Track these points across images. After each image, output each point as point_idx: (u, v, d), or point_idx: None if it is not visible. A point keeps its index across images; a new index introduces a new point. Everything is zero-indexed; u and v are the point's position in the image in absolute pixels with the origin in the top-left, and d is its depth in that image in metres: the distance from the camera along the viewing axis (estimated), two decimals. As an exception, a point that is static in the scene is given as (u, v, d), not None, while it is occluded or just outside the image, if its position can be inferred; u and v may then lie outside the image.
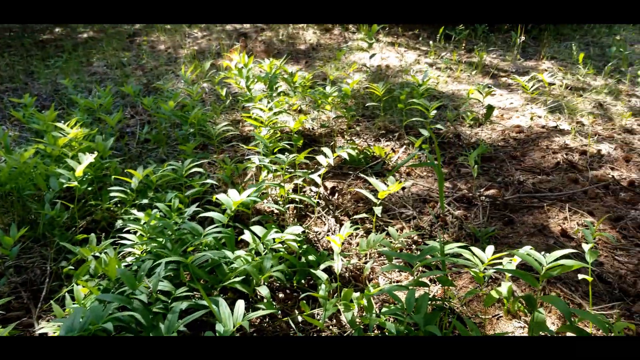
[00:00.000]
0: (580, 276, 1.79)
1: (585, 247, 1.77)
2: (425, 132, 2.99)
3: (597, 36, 6.16)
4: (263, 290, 1.75)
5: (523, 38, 5.30)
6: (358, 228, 2.35)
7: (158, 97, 3.76)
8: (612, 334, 1.50)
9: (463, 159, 2.98)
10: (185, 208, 2.23)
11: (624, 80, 4.61)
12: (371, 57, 4.51)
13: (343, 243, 2.28)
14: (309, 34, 5.86)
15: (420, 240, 2.30)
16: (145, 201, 2.34)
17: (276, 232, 1.99)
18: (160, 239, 1.95)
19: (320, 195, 2.63)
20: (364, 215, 2.41)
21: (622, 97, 4.13)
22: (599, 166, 2.94)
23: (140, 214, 2.07)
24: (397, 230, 2.38)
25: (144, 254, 1.97)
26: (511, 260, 1.83)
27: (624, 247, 2.23)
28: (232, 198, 2.07)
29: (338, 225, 2.41)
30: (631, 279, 2.03)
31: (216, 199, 2.10)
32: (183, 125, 3.17)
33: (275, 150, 2.75)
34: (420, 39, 5.77)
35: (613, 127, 3.52)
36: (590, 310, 1.84)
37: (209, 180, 2.44)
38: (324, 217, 2.46)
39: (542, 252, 1.67)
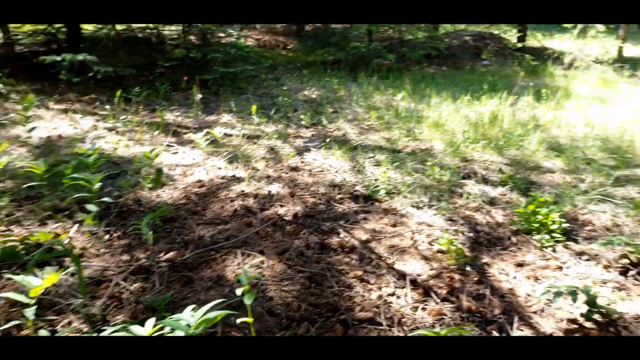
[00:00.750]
0: (239, 320, 1.88)
1: (238, 291, 1.87)
2: (94, 208, 2.75)
3: (268, 87, 7.11)
4: None
5: (201, 96, 5.65)
6: (7, 341, 1.93)
7: None
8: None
9: (135, 227, 2.86)
10: None
11: (291, 124, 5.41)
12: (30, 130, 3.98)
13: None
14: (-46, 108, 4.83)
15: (90, 329, 2.04)
16: None
17: None
18: None
19: (-48, 314, 2.07)
20: (17, 322, 2.00)
21: (290, 140, 4.80)
22: (270, 206, 3.27)
23: None
24: (64, 326, 2.07)
25: None
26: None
27: (289, 276, 2.48)
28: None
29: (-22, 345, 1.92)
30: (296, 304, 2.26)
31: None
32: None
33: None
34: (98, 103, 5.49)
35: (282, 167, 4.02)
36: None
37: None
38: (-44, 341, 1.93)
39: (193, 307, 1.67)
